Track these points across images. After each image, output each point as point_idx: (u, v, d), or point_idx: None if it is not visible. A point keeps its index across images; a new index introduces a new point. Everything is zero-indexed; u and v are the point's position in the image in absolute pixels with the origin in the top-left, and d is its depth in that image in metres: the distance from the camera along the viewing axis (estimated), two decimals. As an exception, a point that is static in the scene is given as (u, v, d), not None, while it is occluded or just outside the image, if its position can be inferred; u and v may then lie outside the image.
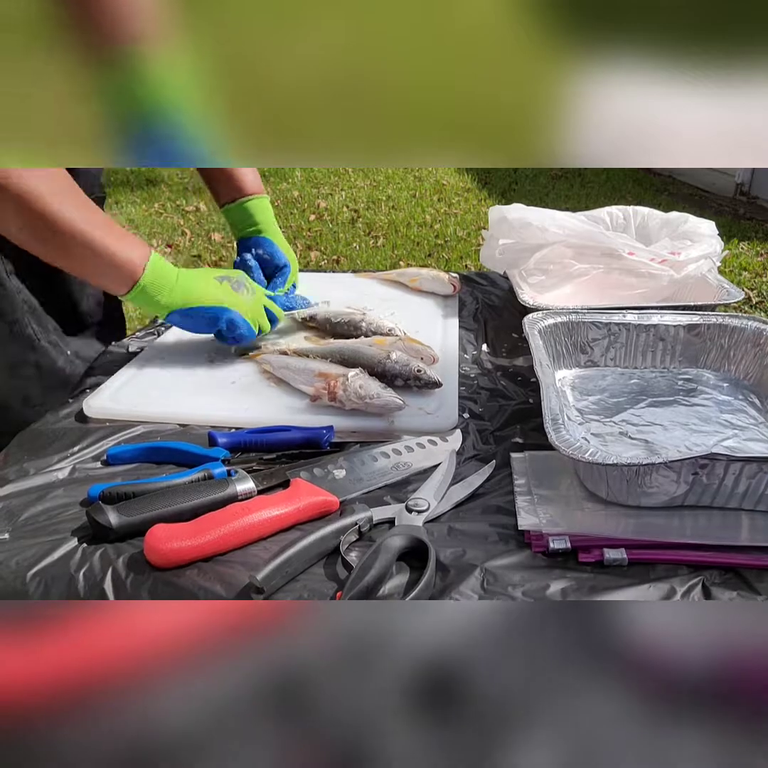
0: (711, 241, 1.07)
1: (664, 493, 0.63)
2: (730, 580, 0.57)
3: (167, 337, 1.03)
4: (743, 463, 0.60)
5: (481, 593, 0.55)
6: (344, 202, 4.79)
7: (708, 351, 0.90)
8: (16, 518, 0.64)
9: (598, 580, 0.57)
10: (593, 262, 1.05)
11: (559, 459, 0.69)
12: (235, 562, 0.59)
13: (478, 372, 0.94)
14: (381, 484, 0.69)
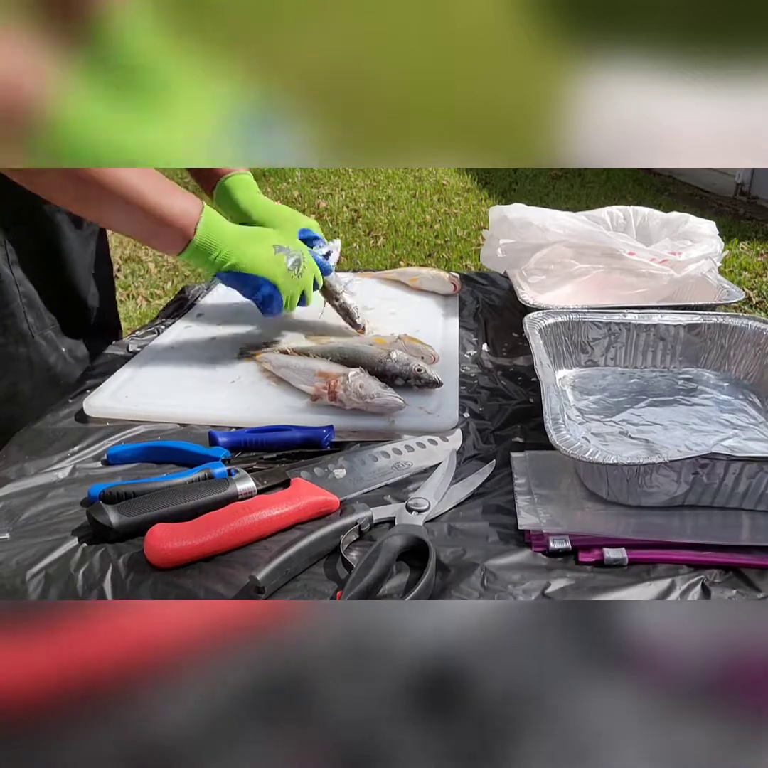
0: (711, 241, 1.07)
1: (664, 493, 0.63)
2: (730, 579, 0.57)
3: (167, 336, 1.03)
4: (743, 462, 0.60)
5: (481, 591, 0.55)
6: (344, 202, 4.79)
7: (708, 351, 0.90)
8: (16, 518, 0.64)
9: (598, 579, 0.57)
10: (594, 262, 1.05)
11: (560, 458, 0.69)
12: (236, 561, 0.59)
13: (478, 371, 0.94)
14: (381, 484, 0.69)
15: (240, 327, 1.07)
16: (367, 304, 1.11)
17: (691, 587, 0.56)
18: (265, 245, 0.91)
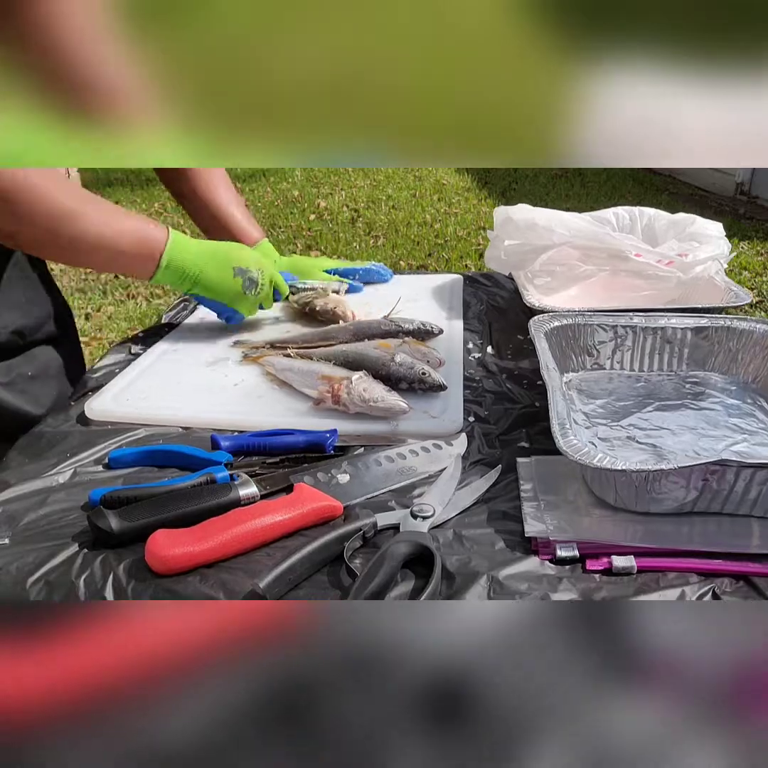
0: (719, 242, 1.06)
1: (673, 500, 0.62)
2: (741, 588, 0.56)
3: (169, 339, 1.02)
4: (755, 469, 0.59)
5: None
6: (344, 201, 4.78)
7: (716, 354, 0.89)
8: (16, 523, 0.63)
9: (606, 588, 0.56)
10: (600, 264, 1.04)
11: (566, 464, 0.69)
12: (238, 568, 0.58)
13: (483, 375, 0.93)
14: (385, 489, 0.69)
15: (243, 330, 1.06)
16: (371, 311, 1.10)
17: (701, 597, 0.55)
18: (225, 268, 0.98)
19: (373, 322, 1.01)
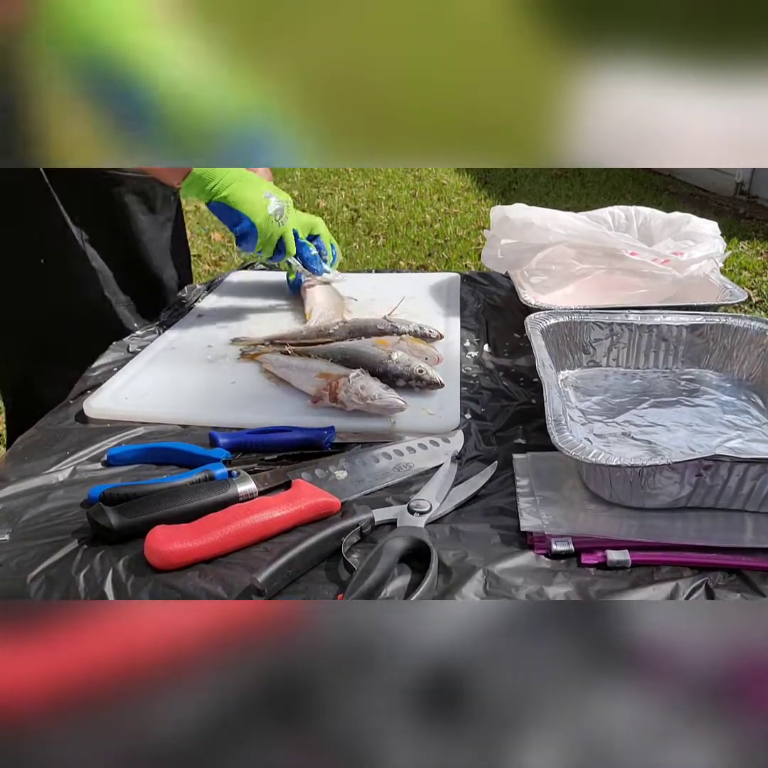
0: (714, 241, 1.06)
1: (667, 495, 0.62)
2: (734, 582, 0.57)
3: (168, 337, 1.03)
4: (747, 464, 0.60)
5: (483, 596, 0.55)
6: (344, 201, 4.78)
7: (711, 351, 0.90)
8: (16, 520, 0.64)
9: (601, 583, 0.56)
10: (596, 263, 1.04)
11: (562, 460, 0.69)
12: (236, 563, 0.59)
13: (479, 372, 0.94)
14: (382, 485, 0.69)
15: (240, 327, 1.06)
16: (373, 310, 1.11)
17: (695, 590, 0.56)
18: (256, 188, 1.01)
19: (371, 322, 1.01)
